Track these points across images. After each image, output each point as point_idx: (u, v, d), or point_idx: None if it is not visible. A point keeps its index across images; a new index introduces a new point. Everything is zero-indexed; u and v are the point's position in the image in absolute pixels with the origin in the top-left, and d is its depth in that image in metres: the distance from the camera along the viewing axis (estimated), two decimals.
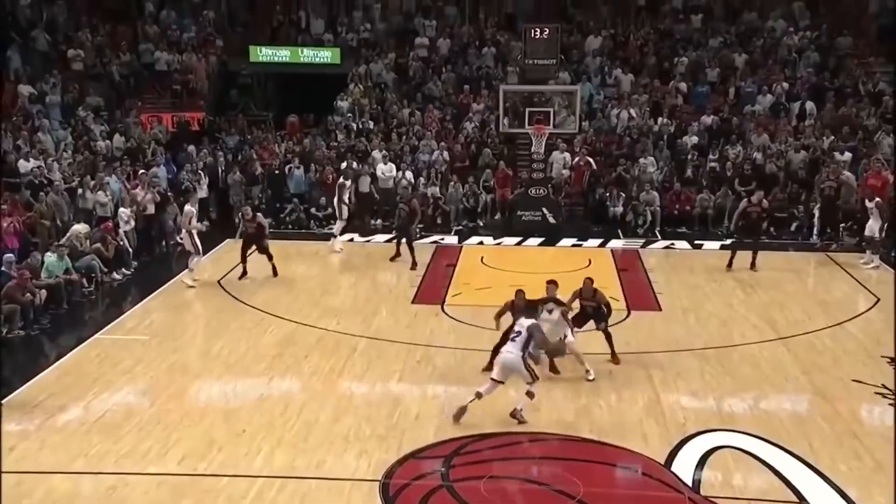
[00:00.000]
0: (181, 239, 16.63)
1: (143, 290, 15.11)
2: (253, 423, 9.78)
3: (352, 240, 19.33)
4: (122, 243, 16.36)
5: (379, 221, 20.66)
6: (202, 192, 19.77)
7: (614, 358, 11.56)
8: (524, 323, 9.85)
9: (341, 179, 18.45)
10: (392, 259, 17.11)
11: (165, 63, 25.51)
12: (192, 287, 15.15)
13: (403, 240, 16.99)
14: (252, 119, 25.69)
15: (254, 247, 15.86)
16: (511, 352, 9.73)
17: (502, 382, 9.79)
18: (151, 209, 17.68)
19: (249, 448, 9.19)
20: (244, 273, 15.81)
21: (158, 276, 15.92)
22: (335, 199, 18.20)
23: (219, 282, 15.63)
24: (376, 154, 21.62)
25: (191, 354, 12.12)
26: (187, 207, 15.70)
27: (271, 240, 16.46)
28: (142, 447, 9.22)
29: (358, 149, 22.32)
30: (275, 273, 15.89)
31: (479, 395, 9.75)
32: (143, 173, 18.65)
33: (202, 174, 20.33)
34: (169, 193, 19.08)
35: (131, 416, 9.97)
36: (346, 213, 18.03)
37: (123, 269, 16.10)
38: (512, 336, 9.87)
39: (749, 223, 16.75)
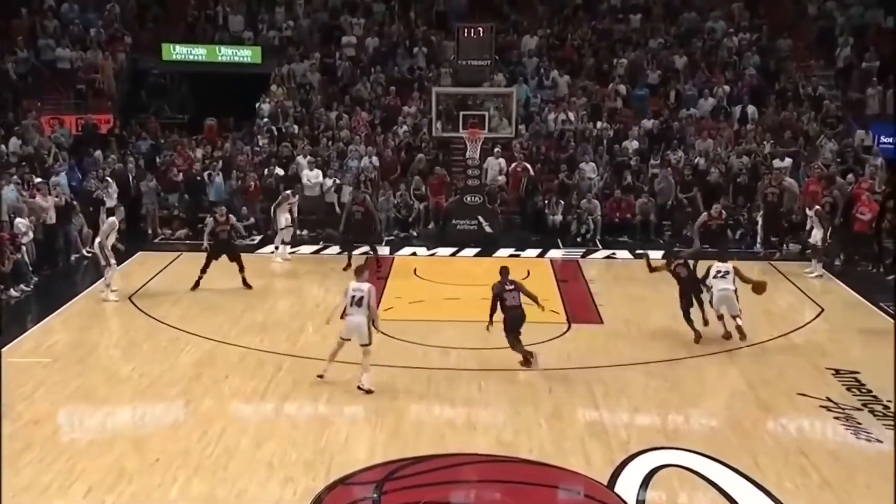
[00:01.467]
0: (89, 252, 16.22)
1: (45, 308, 14.66)
2: (167, 450, 9.54)
3: (276, 249, 19.09)
4: (20, 257, 15.83)
5: (305, 232, 20.47)
6: (111, 201, 19.31)
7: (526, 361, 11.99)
8: (362, 287, 11.03)
9: (287, 192, 18.55)
10: (345, 268, 17.04)
11: (68, 61, 24.89)
12: (113, 302, 14.79)
13: (360, 246, 17.25)
14: (166, 122, 25.26)
15: (223, 256, 15.78)
16: (349, 314, 11.06)
17: (347, 340, 11.10)
18: (52, 218, 17.19)
19: (164, 478, 8.96)
20: (197, 285, 15.59)
21: (61, 293, 15.47)
22: (272, 209, 18.29)
23: (130, 298, 15.26)
24: (301, 160, 21.44)
25: (97, 378, 11.78)
26: (112, 219, 15.38)
27: (188, 252, 16.16)
28: (43, 480, 8.91)
29: (282, 154, 22.10)
30: (246, 285, 15.82)
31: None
32: (40, 181, 18.04)
33: (110, 181, 19.85)
34: (74, 202, 18.60)
35: (31, 445, 9.63)
36: (282, 222, 18.06)
37: (22, 285, 15.58)
38: (355, 301, 11.01)
39: (711, 236, 17.10)
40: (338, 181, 20.75)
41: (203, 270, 15.69)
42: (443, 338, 13.36)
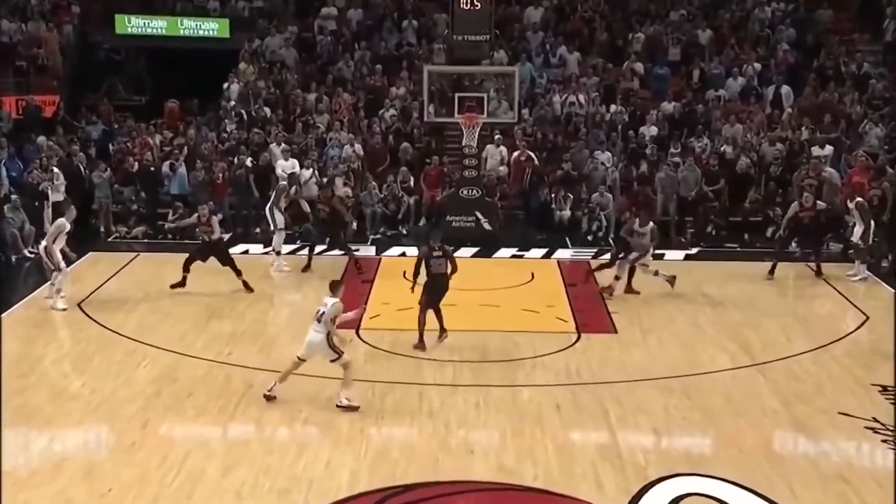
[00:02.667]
0: (32, 252, 16.17)
1: None
2: (122, 478, 9.51)
3: (246, 251, 19.09)
4: None
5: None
6: (57, 195, 19.30)
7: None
8: (327, 301, 11.24)
9: (282, 183, 18.40)
10: (304, 270, 17.23)
11: (6, 34, 24.85)
12: (62, 310, 14.73)
13: (335, 249, 17.41)
14: (120, 105, 25.23)
15: (210, 258, 15.77)
16: (316, 330, 11.18)
17: (304, 360, 11.27)
18: None
19: None
20: (183, 283, 15.69)
21: None
22: (268, 206, 17.90)
23: (79, 305, 15.24)
24: (275, 148, 21.43)
25: (41, 396, 11.74)
26: (60, 221, 15.17)
27: (146, 252, 16.16)
28: None
29: (253, 142, 22.10)
30: (248, 288, 15.86)
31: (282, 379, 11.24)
32: None
33: (56, 172, 19.82)
34: (14, 195, 18.58)
35: None
36: (281, 222, 17.70)
37: None
38: (316, 315, 11.24)
39: (803, 231, 17.39)
40: (316, 172, 20.75)
41: (185, 269, 15.72)
42: (436, 349, 13.36)
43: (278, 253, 17.54)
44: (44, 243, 15.14)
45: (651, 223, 16.04)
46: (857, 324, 14.93)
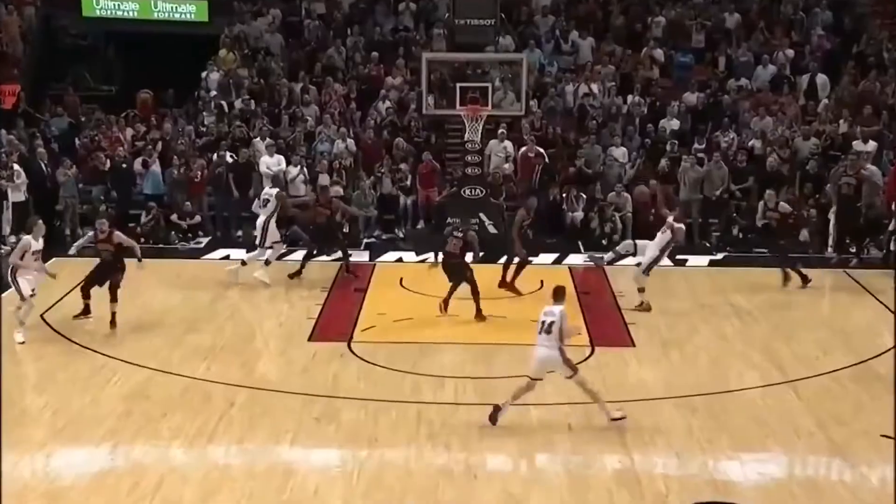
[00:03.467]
0: None
1: None
2: None
3: (227, 256, 19.12)
4: None
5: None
6: (18, 194, 19.34)
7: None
8: (554, 310, 11.08)
9: (279, 192, 17.75)
10: (292, 276, 17.25)
11: None
12: (20, 343, 14.10)
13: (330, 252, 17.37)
14: (88, 95, 25.25)
15: (106, 281, 14.71)
16: (545, 345, 11.01)
17: (540, 379, 11.17)
18: None
19: None
20: (85, 312, 14.93)
21: None
22: (262, 219, 17.23)
23: (42, 315, 15.23)
24: (259, 143, 21.47)
25: None
26: (26, 240, 14.37)
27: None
28: None
29: (234, 136, 22.14)
30: (112, 324, 14.73)
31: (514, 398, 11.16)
32: None
33: (17, 169, 19.85)
34: None
35: None
36: (276, 237, 17.27)
37: None
38: (543, 326, 11.04)
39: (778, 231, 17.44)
40: (304, 170, 20.78)
41: (85, 294, 14.86)
42: (436, 364, 13.37)
43: (267, 262, 17.13)
44: (10, 265, 14.36)
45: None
46: None
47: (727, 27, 25.53)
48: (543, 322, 11.13)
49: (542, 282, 17.12)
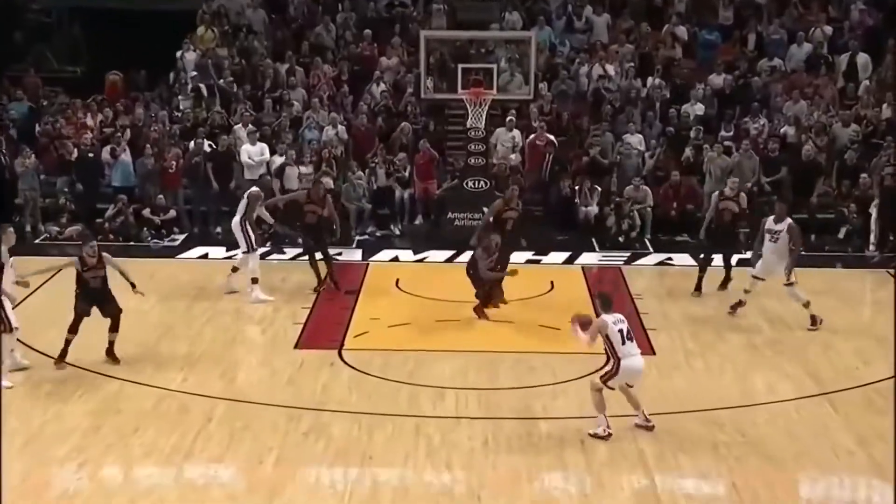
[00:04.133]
0: None
1: None
2: None
3: (205, 255, 19.14)
4: None
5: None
6: None
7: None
8: (620, 315, 11.69)
9: (254, 190, 17.15)
10: (316, 289, 16.83)
11: None
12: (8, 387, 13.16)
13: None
14: (50, 77, 25.24)
15: (94, 310, 13.85)
16: (634, 353, 11.51)
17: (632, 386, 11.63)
18: None
19: None
20: (62, 358, 13.73)
21: None
22: (236, 219, 16.65)
23: None
24: (240, 130, 21.48)
25: None
26: (4, 253, 13.67)
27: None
28: None
29: (213, 122, 22.14)
30: (110, 354, 13.96)
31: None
32: None
33: None
34: None
35: None
36: (255, 241, 16.65)
37: None
38: (623, 335, 11.48)
39: (720, 231, 17.08)
40: (292, 160, 20.79)
41: (73, 329, 13.75)
42: (435, 374, 13.39)
43: (255, 280, 16.50)
44: None
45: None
46: None
47: (758, 1, 25.50)
48: (621, 331, 11.47)
49: (552, 283, 17.19)
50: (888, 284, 17.74)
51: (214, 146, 21.25)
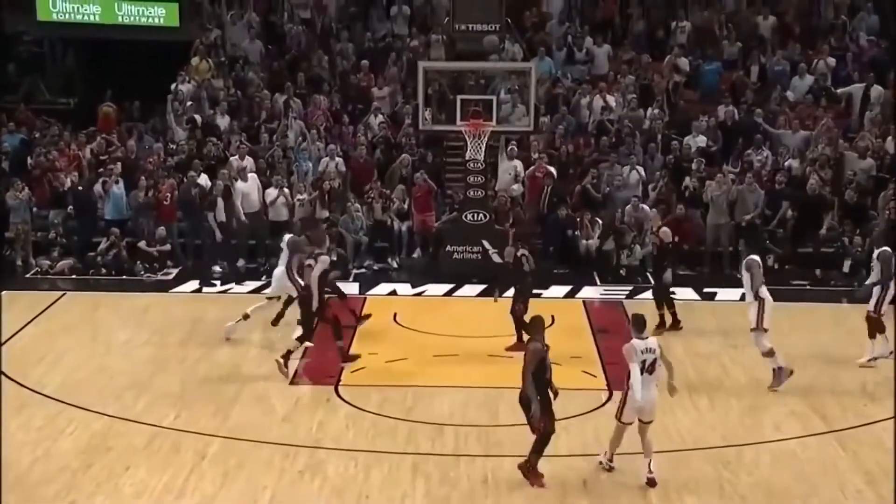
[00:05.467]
0: None
1: None
2: None
3: (199, 290, 19.10)
4: None
5: (241, 262, 20.50)
6: None
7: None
8: (651, 343, 11.23)
9: (290, 237, 16.45)
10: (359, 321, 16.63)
11: None
12: None
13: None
14: (43, 108, 25.26)
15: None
16: (647, 387, 11.15)
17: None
18: None
19: None
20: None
21: None
22: (279, 270, 16.13)
23: None
24: (236, 161, 21.48)
25: None
26: None
27: (74, 290, 15.97)
28: None
29: (209, 154, 22.14)
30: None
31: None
32: None
33: None
34: None
35: None
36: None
37: None
38: (645, 366, 11.13)
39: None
40: (286, 192, 20.78)
41: None
42: (434, 411, 13.34)
43: (247, 317, 16.35)
44: None
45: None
46: None
47: (761, 33, 25.56)
48: (644, 361, 11.15)
49: (553, 317, 17.09)
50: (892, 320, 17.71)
51: (211, 179, 21.18)
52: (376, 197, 21.31)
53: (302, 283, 15.53)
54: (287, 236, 16.64)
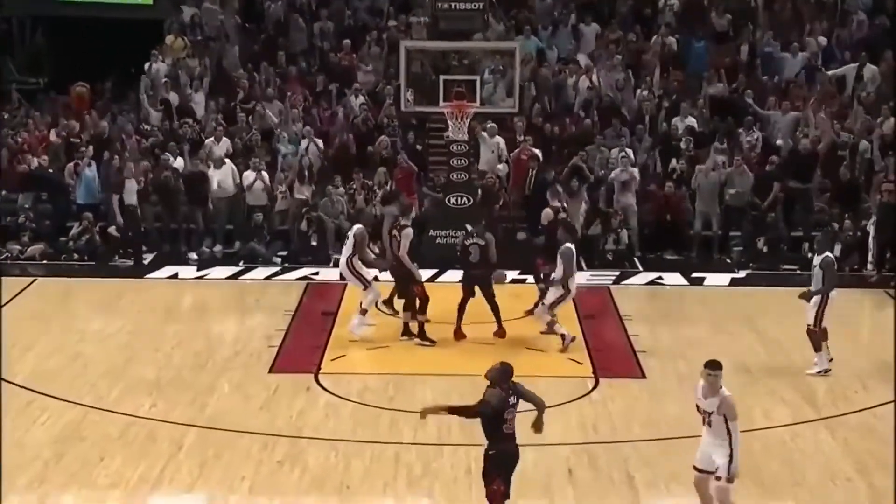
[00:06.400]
0: None
1: None
2: None
3: (175, 276, 19.07)
4: None
5: (218, 247, 20.50)
6: None
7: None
8: (725, 394, 9.97)
9: (358, 228, 16.19)
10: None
11: None
12: None
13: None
14: (12, 88, 25.16)
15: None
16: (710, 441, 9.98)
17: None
18: None
19: None
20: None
21: None
22: (344, 260, 16.04)
23: None
24: (212, 144, 21.42)
25: None
26: None
27: (45, 276, 15.92)
28: None
29: (184, 135, 22.07)
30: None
31: None
32: None
33: None
34: None
35: None
36: (369, 275, 16.16)
37: None
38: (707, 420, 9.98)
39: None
40: (264, 176, 20.74)
41: None
42: (417, 399, 13.31)
43: (364, 312, 15.95)
44: None
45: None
46: None
47: (752, 9, 25.55)
48: (699, 409, 10.14)
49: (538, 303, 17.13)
50: (887, 305, 17.81)
51: (186, 162, 21.14)
52: (359, 189, 21.25)
53: (364, 274, 15.80)
54: (356, 227, 16.33)
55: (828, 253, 14.72)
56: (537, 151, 21.57)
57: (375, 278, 16.34)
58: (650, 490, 11.06)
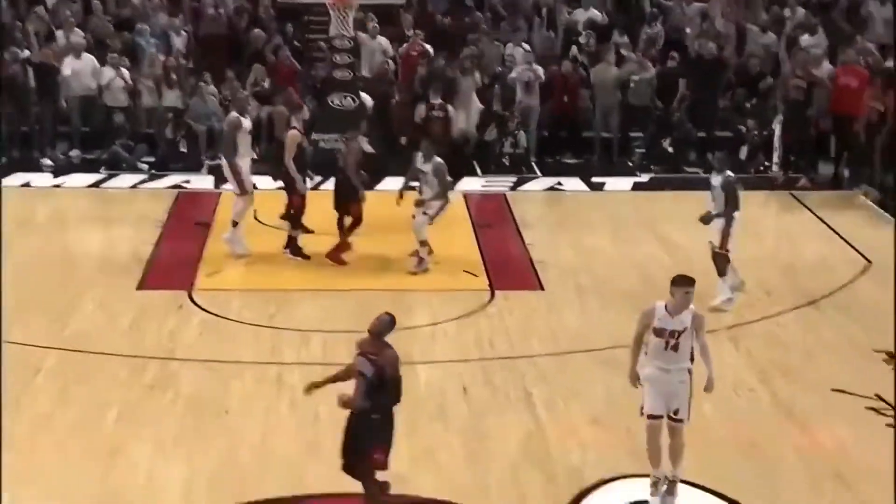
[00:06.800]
0: None
1: None
2: None
3: (27, 184, 18.67)
4: None
5: (75, 152, 20.12)
6: None
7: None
8: (683, 315, 9.29)
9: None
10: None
11: None
12: None
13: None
14: None
15: None
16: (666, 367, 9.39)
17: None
18: None
19: None
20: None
21: None
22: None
23: None
24: (65, 35, 20.92)
25: None
26: None
27: None
28: None
29: (41, 33, 21.48)
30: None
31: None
32: None
33: None
34: None
35: None
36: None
37: None
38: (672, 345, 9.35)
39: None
40: (125, 73, 20.34)
41: None
42: (299, 316, 13.38)
43: (235, 224, 15.56)
44: None
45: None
46: (857, 271, 15.36)
47: None
48: (664, 331, 9.37)
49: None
50: (792, 207, 18.14)
51: (38, 64, 20.52)
52: (240, 81, 20.85)
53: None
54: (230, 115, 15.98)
55: (728, 172, 13.83)
56: (429, 47, 21.42)
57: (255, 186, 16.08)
58: (548, 406, 11.23)
